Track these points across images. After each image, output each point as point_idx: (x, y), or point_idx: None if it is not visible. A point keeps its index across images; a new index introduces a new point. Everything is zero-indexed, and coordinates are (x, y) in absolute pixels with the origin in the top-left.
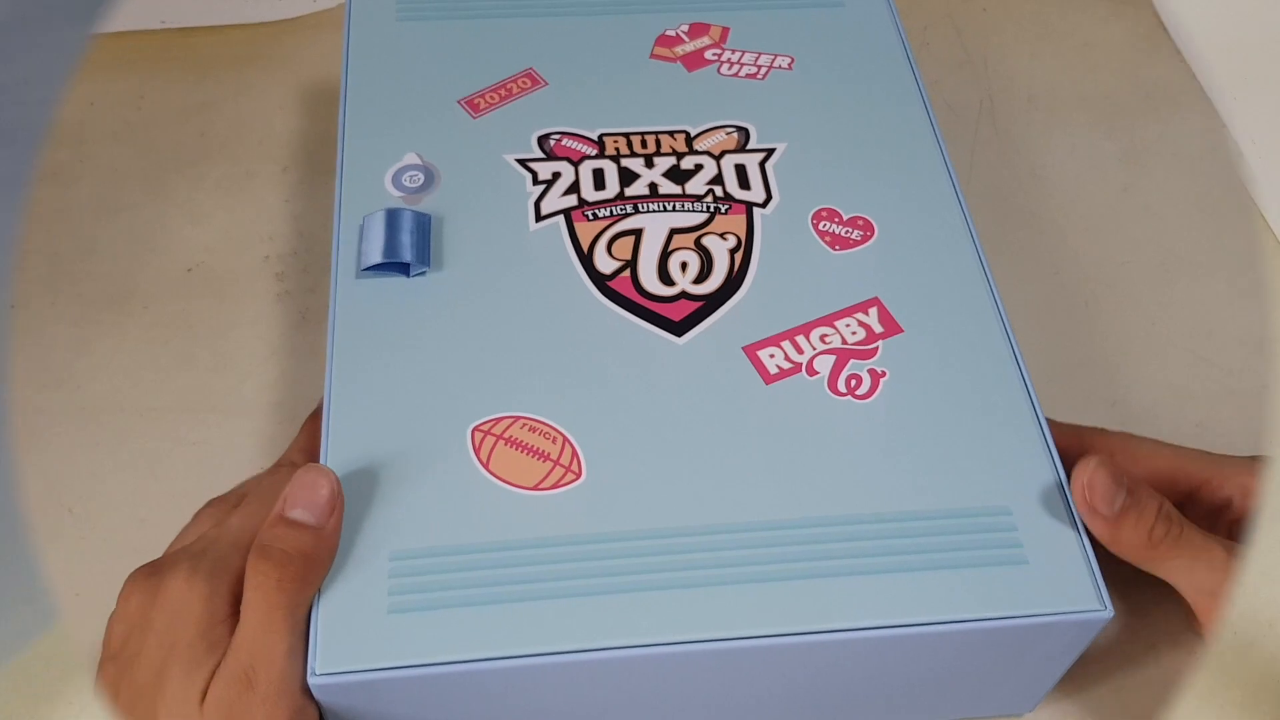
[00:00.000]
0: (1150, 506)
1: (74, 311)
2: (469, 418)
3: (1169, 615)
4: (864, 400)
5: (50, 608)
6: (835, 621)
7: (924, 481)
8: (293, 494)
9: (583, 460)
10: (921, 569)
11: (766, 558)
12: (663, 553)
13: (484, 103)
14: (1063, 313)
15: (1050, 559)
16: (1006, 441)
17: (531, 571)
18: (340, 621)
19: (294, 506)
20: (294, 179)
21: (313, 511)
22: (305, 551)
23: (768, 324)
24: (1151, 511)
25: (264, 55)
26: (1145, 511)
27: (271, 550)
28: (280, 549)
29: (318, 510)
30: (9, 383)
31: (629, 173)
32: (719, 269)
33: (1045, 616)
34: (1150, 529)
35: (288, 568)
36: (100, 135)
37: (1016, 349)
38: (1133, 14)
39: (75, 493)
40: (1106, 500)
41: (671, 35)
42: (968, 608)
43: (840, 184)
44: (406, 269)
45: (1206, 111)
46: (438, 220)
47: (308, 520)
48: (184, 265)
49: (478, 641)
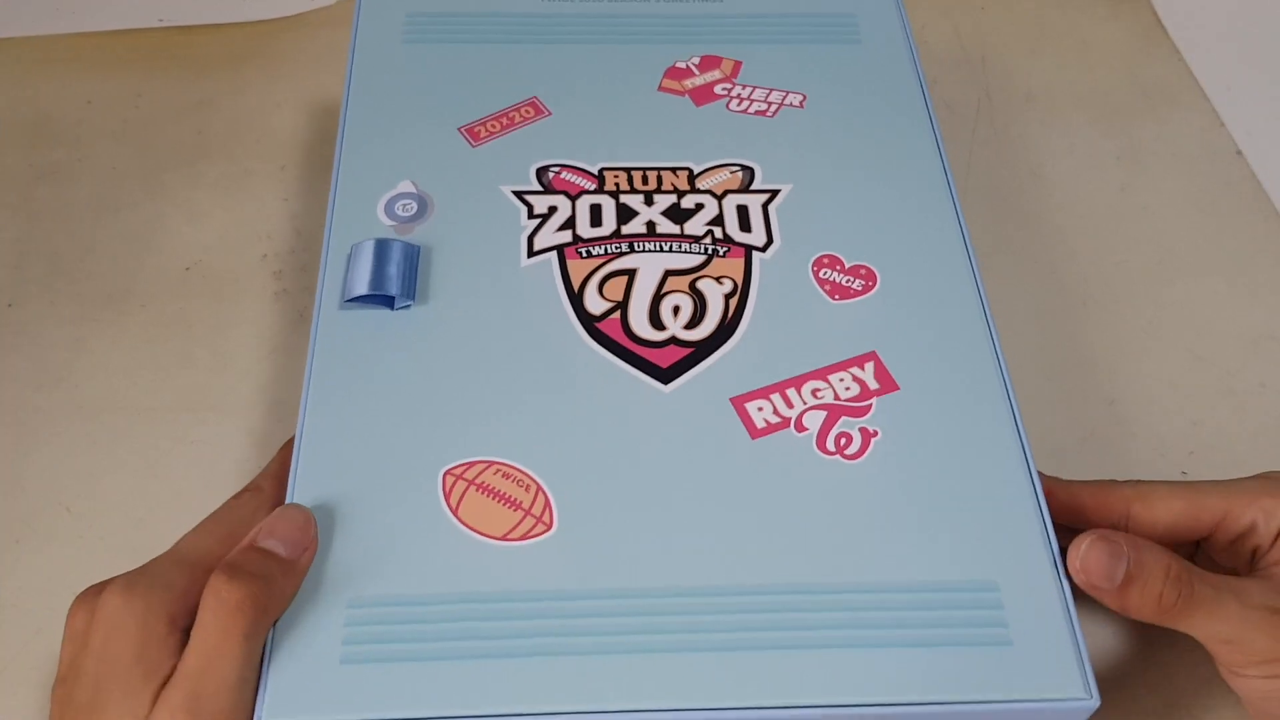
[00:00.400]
0: (1156, 572)
1: (72, 310)
2: (442, 460)
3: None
4: (853, 460)
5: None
6: (806, 698)
7: (909, 551)
8: (270, 524)
9: (555, 511)
10: (900, 645)
11: (738, 625)
12: (629, 614)
13: (484, 131)
14: (1060, 311)
15: (1036, 640)
16: (998, 512)
17: (492, 627)
18: (291, 668)
19: (269, 537)
20: (292, 177)
21: (287, 545)
22: (273, 579)
23: (758, 375)
24: (1158, 578)
25: (262, 53)
26: (1151, 579)
27: (239, 570)
28: (248, 571)
29: (292, 545)
30: (7, 381)
31: (627, 209)
32: (712, 314)
33: (1027, 703)
34: (1159, 596)
35: (252, 590)
36: (98, 134)
37: (1017, 414)
38: (1131, 13)
39: (73, 491)
40: (1106, 576)
41: (682, 67)
42: (946, 689)
43: (845, 230)
44: (391, 301)
45: (1204, 110)
46: (427, 251)
47: (280, 551)
48: (182, 264)
49: (431, 699)
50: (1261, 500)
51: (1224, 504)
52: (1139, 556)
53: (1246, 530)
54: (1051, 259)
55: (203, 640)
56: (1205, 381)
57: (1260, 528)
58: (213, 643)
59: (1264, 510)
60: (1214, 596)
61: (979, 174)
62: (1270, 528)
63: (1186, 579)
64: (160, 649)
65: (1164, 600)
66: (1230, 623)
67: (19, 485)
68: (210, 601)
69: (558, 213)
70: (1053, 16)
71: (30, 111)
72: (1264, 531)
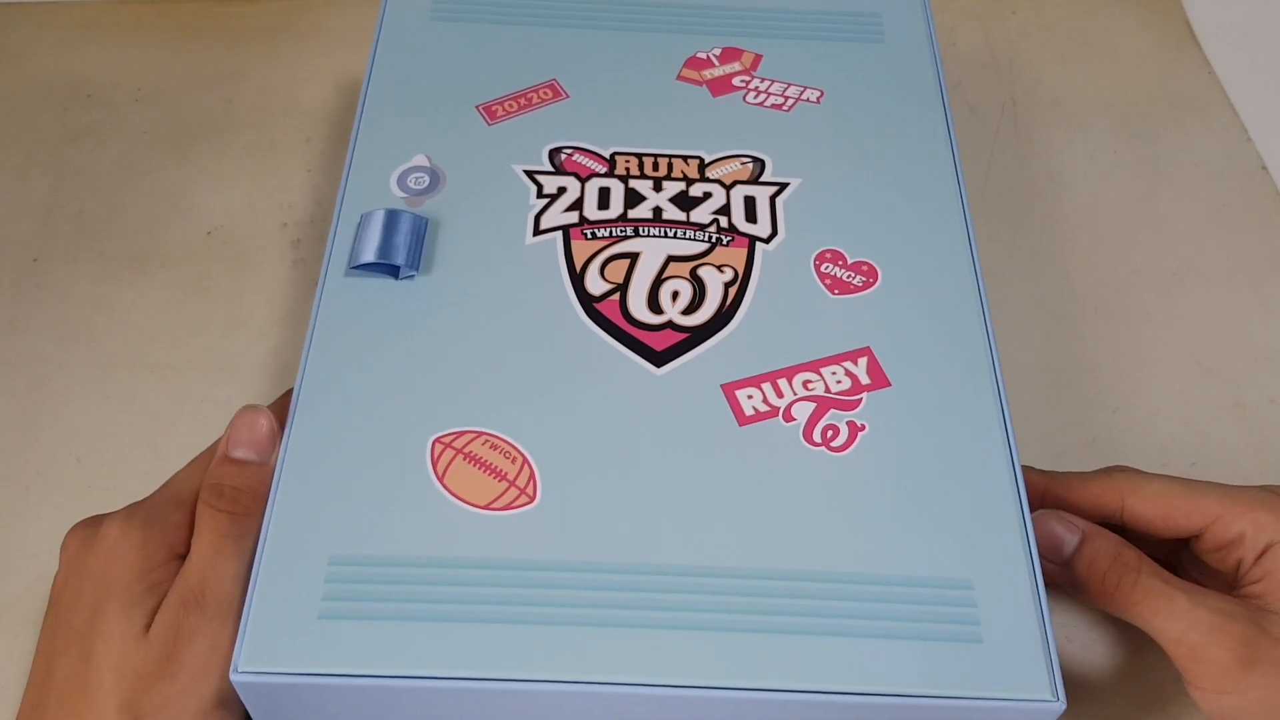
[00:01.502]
0: (1105, 552)
1: (95, 268)
2: (433, 428)
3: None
4: (838, 453)
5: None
6: (774, 681)
7: (886, 544)
8: (234, 434)
9: (539, 483)
10: (870, 635)
11: (710, 605)
12: (604, 588)
13: (502, 110)
14: (1071, 317)
15: (1007, 640)
16: (978, 512)
17: (468, 592)
18: (270, 620)
19: (236, 446)
20: (316, 150)
21: (254, 449)
22: (251, 486)
23: (751, 363)
24: (1106, 557)
25: (295, 27)
26: (1099, 557)
27: (220, 487)
28: (229, 485)
29: (259, 447)
30: (28, 334)
31: (635, 194)
32: (710, 301)
33: (992, 701)
34: (1103, 575)
35: (236, 502)
36: (130, 99)
37: (1007, 416)
38: (1163, 22)
39: (84, 442)
40: (1055, 549)
41: (702, 58)
42: (914, 683)
43: (850, 226)
44: (396, 271)
45: (1232, 124)
46: (435, 224)
47: (251, 458)
48: (204, 229)
49: (404, 658)
50: (1255, 512)
51: (1219, 507)
52: (1091, 535)
53: (1234, 539)
54: (1066, 265)
55: (199, 549)
56: (1213, 394)
57: (1248, 539)
58: (210, 547)
59: (1255, 522)
60: (1164, 591)
61: (998, 177)
62: (1257, 541)
63: (1135, 565)
64: (160, 572)
65: (1108, 581)
66: (1178, 620)
67: (33, 434)
68: (204, 515)
69: (566, 193)
70: (1084, 23)
71: (66, 75)
72: (1250, 545)
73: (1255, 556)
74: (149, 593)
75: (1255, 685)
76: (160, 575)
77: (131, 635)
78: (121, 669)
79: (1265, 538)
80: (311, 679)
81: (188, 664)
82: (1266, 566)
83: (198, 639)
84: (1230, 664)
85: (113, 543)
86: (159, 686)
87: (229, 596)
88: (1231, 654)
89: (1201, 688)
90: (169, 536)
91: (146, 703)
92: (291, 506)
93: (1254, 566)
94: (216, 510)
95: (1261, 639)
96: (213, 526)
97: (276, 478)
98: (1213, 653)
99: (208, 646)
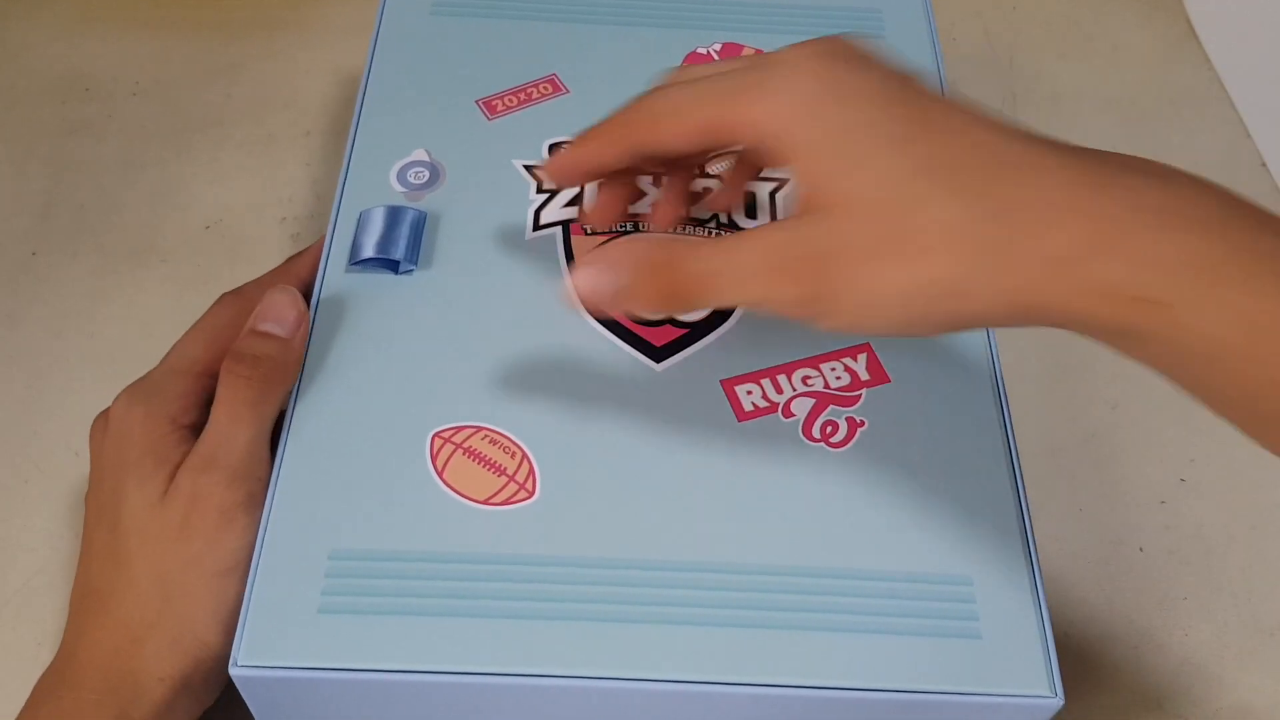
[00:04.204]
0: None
1: (94, 262)
2: (432, 423)
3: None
4: (837, 449)
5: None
6: (772, 676)
7: (885, 540)
8: (263, 311)
9: (538, 479)
10: (869, 631)
11: (709, 601)
12: (603, 583)
13: (502, 105)
14: None
15: (1005, 636)
16: (978, 509)
17: (468, 587)
18: (270, 615)
19: (264, 320)
20: (315, 144)
21: (282, 325)
22: (273, 356)
23: (750, 359)
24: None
25: (294, 20)
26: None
27: (243, 354)
28: (251, 353)
29: (286, 325)
30: (27, 327)
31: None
32: None
33: (990, 696)
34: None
35: (257, 368)
36: (129, 92)
37: (1006, 413)
38: (1164, 19)
39: (83, 436)
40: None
41: (703, 54)
42: (910, 678)
43: None
44: (396, 265)
45: (1231, 121)
46: (435, 219)
47: (277, 332)
48: (203, 223)
49: (404, 652)
50: (749, 112)
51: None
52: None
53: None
54: None
55: (217, 414)
56: None
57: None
58: (226, 413)
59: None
60: (708, 268)
61: None
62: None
63: (668, 267)
64: (164, 442)
65: (662, 299)
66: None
67: (31, 427)
68: (225, 380)
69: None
70: (1084, 19)
71: (66, 68)
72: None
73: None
74: (159, 463)
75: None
76: (165, 446)
77: (148, 504)
78: (144, 535)
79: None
80: (311, 673)
81: (201, 527)
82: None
83: (208, 502)
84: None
85: (118, 423)
86: (178, 549)
87: (240, 461)
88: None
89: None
90: (169, 408)
91: (169, 564)
92: (291, 500)
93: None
94: (237, 376)
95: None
96: (232, 391)
97: (276, 472)
98: (778, 295)
99: (217, 509)
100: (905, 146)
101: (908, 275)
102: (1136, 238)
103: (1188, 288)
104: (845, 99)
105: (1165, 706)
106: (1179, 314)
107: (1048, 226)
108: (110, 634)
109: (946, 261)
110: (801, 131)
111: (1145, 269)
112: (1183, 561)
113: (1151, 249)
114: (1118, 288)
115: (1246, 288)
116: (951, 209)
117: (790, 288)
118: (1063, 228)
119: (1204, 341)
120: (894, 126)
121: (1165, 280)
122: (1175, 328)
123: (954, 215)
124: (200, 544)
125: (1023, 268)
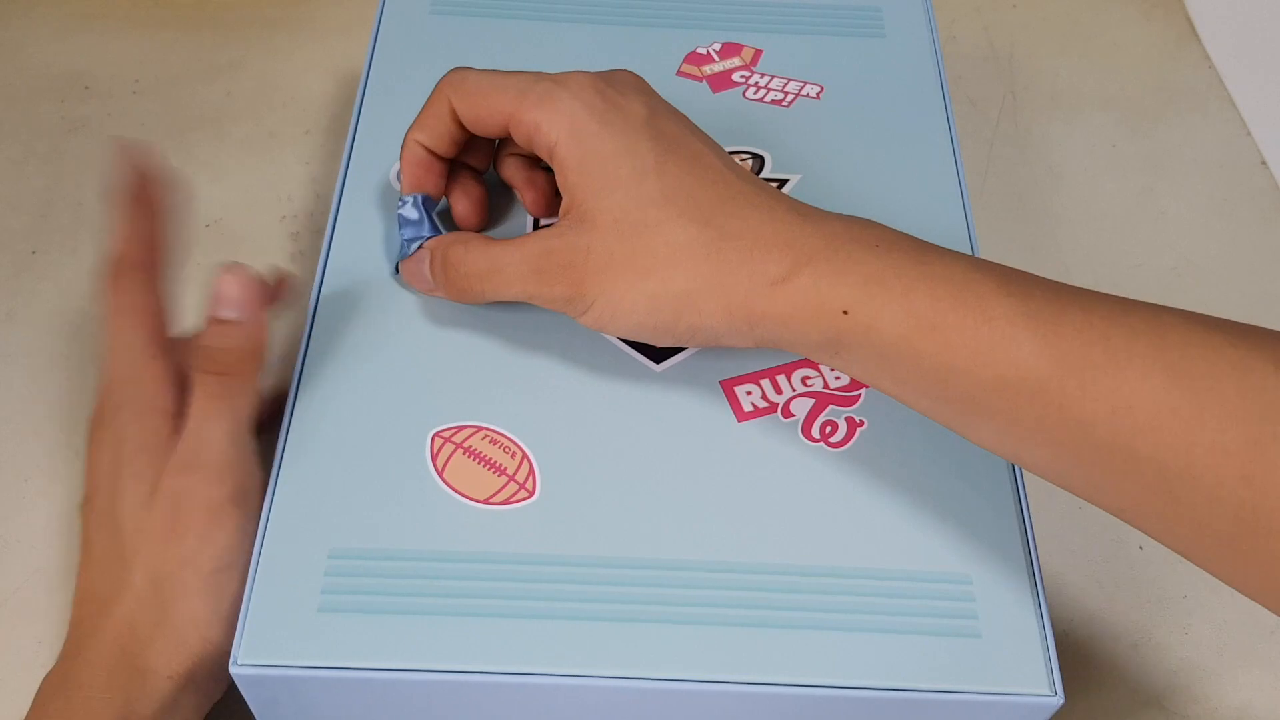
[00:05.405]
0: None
1: (93, 259)
2: (433, 422)
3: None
4: (837, 448)
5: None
6: (772, 675)
7: (885, 539)
8: (216, 295)
9: (538, 478)
10: (869, 630)
11: (709, 600)
12: (602, 582)
13: None
14: None
15: (1005, 635)
16: (977, 508)
17: (468, 586)
18: (270, 613)
19: (220, 305)
20: (315, 142)
21: (239, 308)
22: (236, 346)
23: (750, 360)
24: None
25: (294, 19)
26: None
27: (208, 350)
28: (214, 346)
29: (243, 304)
30: (27, 326)
31: None
32: None
33: (991, 695)
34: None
35: (221, 362)
36: (129, 90)
37: None
38: (1164, 16)
39: (82, 435)
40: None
41: (702, 53)
42: (911, 677)
43: None
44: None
45: (1231, 118)
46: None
47: (234, 317)
48: (202, 221)
49: (403, 651)
50: (533, 113)
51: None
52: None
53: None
54: (1065, 258)
55: (192, 413)
56: None
57: (539, 141)
58: (200, 411)
59: (532, 126)
60: (482, 268)
61: (998, 171)
62: (548, 140)
63: (456, 260)
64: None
65: (454, 293)
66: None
67: (32, 426)
68: (194, 380)
69: None
70: (1084, 17)
71: (65, 66)
72: (543, 144)
73: (548, 157)
74: (152, 460)
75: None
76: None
77: (140, 504)
78: (139, 536)
79: (548, 137)
80: (311, 672)
81: (192, 526)
82: (558, 166)
83: (195, 502)
84: (565, 294)
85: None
86: (172, 549)
87: (221, 457)
88: (556, 288)
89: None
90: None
91: (166, 564)
92: (291, 500)
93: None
94: (204, 373)
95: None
96: (203, 389)
97: (275, 471)
98: (543, 293)
99: (204, 508)
100: (651, 176)
101: (648, 286)
102: (830, 261)
103: (872, 298)
104: (609, 124)
105: (1165, 705)
106: (868, 319)
107: (765, 251)
108: (114, 633)
109: (680, 277)
110: (567, 151)
111: (839, 285)
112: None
113: (843, 269)
114: (821, 302)
115: (914, 293)
116: (686, 233)
117: (553, 288)
118: (771, 253)
119: (889, 341)
120: (645, 157)
121: (854, 293)
122: (867, 332)
123: (688, 238)
124: (193, 542)
125: (743, 285)
